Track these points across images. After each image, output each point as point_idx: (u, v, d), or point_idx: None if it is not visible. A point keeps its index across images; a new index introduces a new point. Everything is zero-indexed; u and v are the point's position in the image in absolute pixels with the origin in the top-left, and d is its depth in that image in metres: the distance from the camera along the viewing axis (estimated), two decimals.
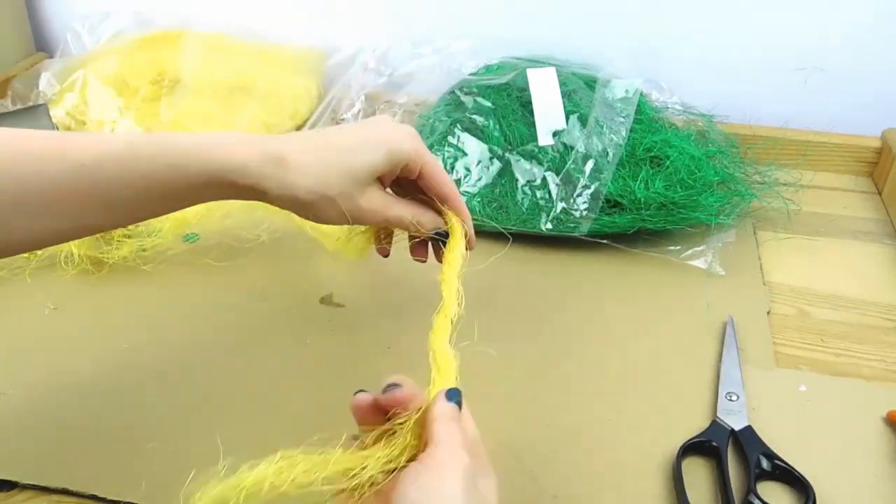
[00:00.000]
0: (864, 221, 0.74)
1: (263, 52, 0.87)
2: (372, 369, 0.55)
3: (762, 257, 0.68)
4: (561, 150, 0.68)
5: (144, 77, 0.83)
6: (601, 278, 0.65)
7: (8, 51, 0.94)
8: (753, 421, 0.50)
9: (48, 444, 0.49)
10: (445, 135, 0.71)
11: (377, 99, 0.80)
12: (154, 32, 0.88)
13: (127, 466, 0.47)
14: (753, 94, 0.82)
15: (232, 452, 0.48)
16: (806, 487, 0.45)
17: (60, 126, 0.79)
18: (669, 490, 0.46)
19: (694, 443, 0.48)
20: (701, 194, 0.65)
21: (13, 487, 0.46)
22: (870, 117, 0.82)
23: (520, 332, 0.59)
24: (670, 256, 0.66)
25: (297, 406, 0.52)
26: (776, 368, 0.56)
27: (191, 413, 0.51)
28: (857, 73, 0.81)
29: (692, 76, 0.82)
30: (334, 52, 0.88)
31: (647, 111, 0.72)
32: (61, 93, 0.83)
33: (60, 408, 0.51)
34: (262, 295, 0.63)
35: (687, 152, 0.67)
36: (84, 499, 0.46)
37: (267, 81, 0.83)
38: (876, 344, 0.58)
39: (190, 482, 0.45)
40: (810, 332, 0.59)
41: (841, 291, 0.64)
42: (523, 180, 0.68)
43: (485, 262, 0.66)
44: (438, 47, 0.83)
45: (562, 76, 0.73)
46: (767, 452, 0.47)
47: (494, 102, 0.72)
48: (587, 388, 0.54)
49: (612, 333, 0.59)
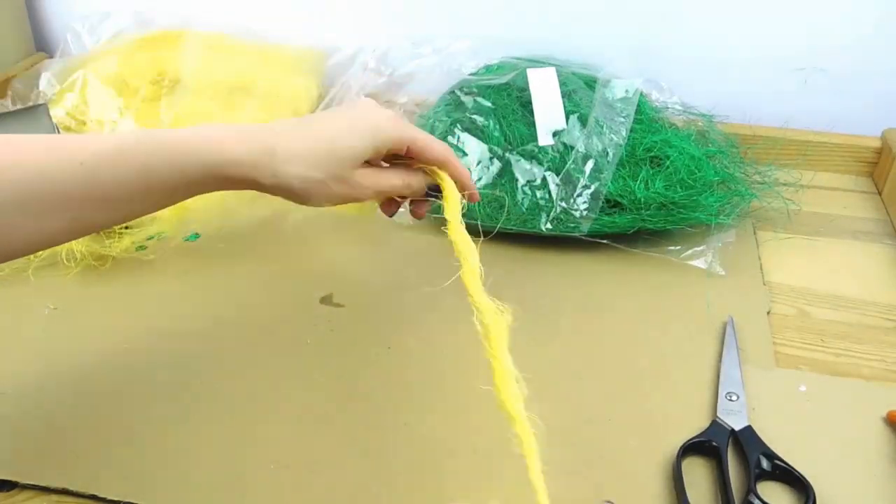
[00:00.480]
0: (864, 221, 0.74)
1: (263, 52, 0.87)
2: (372, 369, 0.55)
3: (762, 257, 0.68)
4: (561, 150, 0.68)
5: (144, 77, 0.83)
6: (601, 278, 0.65)
7: (8, 51, 0.94)
8: (753, 421, 0.50)
9: (48, 444, 0.49)
10: (445, 135, 0.71)
11: (377, 99, 0.80)
12: (154, 32, 0.88)
13: (127, 466, 0.47)
14: (753, 94, 0.82)
15: (232, 452, 0.49)
16: (806, 487, 0.45)
17: (60, 126, 0.79)
18: (669, 490, 0.46)
19: (694, 443, 0.48)
20: (701, 194, 0.65)
21: (13, 487, 0.46)
22: (870, 117, 0.82)
23: (519, 332, 0.59)
24: (670, 256, 0.66)
25: (297, 406, 0.52)
26: (776, 368, 0.56)
27: (190, 413, 0.51)
28: (857, 73, 0.81)
29: (692, 76, 0.82)
30: (334, 52, 0.88)
31: (647, 111, 0.72)
32: (61, 93, 0.83)
33: (61, 408, 0.51)
34: (263, 295, 0.63)
35: (687, 152, 0.67)
36: (84, 499, 0.46)
37: (267, 81, 0.83)
38: (876, 344, 0.58)
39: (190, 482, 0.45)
40: (810, 332, 0.59)
41: (841, 291, 0.64)
42: (523, 180, 0.68)
43: (485, 262, 0.66)
44: (438, 47, 0.83)
45: (562, 76, 0.73)
46: (767, 452, 0.47)
47: (494, 102, 0.72)
48: (587, 388, 0.54)
49: (612, 333, 0.59)
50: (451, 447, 0.49)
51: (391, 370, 0.55)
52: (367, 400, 0.52)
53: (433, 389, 0.53)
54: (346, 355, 0.56)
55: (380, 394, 0.53)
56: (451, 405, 0.52)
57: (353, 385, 0.54)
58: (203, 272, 0.65)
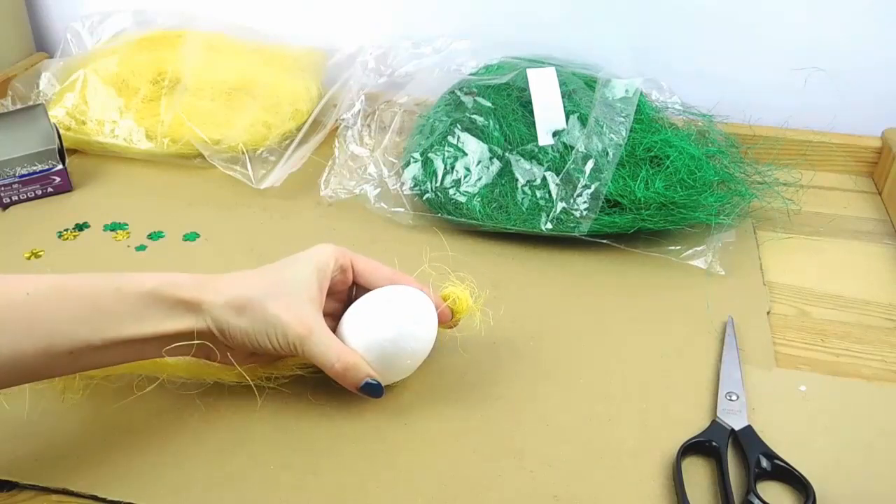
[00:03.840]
0: (864, 221, 0.74)
1: (263, 52, 0.87)
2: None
3: (762, 257, 0.68)
4: (561, 150, 0.68)
5: (144, 77, 0.83)
6: (601, 278, 0.65)
7: (8, 51, 0.94)
8: (753, 421, 0.50)
9: (48, 444, 0.49)
10: (445, 135, 0.71)
11: (377, 99, 0.80)
12: (154, 32, 0.88)
13: (127, 466, 0.47)
14: (753, 94, 0.82)
15: (232, 452, 0.49)
16: (806, 487, 0.45)
17: (60, 126, 0.79)
18: (669, 490, 0.46)
19: (694, 443, 0.48)
20: (701, 194, 0.65)
21: (13, 487, 0.46)
22: (870, 117, 0.82)
23: (520, 332, 0.59)
24: (670, 256, 0.66)
25: (297, 406, 0.52)
26: (776, 368, 0.56)
27: (191, 412, 0.51)
28: (857, 73, 0.81)
29: (692, 76, 0.82)
30: (334, 52, 0.88)
31: (647, 111, 0.72)
32: (61, 92, 0.83)
33: (60, 408, 0.51)
34: None
35: (687, 152, 0.67)
36: (84, 499, 0.46)
37: (267, 81, 0.83)
38: (876, 344, 0.58)
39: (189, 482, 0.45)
40: (810, 332, 0.59)
41: (841, 291, 0.64)
42: (523, 180, 0.68)
43: (485, 262, 0.66)
44: (438, 47, 0.83)
45: (562, 76, 0.73)
46: (767, 452, 0.47)
47: (494, 102, 0.72)
48: (587, 388, 0.54)
49: (612, 333, 0.59)
50: (454, 447, 0.49)
51: None
52: (368, 399, 0.52)
53: (433, 389, 0.53)
54: None
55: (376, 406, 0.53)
56: (450, 405, 0.52)
57: None
58: (203, 272, 0.65)
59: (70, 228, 0.71)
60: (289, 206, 0.74)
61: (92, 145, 0.82)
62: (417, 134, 0.75)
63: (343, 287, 0.54)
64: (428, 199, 0.70)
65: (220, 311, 0.47)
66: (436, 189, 0.69)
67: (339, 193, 0.73)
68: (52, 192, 0.76)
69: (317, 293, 0.49)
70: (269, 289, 0.48)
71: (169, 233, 0.70)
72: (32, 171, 0.74)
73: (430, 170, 0.70)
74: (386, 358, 0.49)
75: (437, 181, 0.69)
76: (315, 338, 0.47)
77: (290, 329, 0.47)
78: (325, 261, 0.50)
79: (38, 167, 0.74)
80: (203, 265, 0.66)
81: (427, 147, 0.71)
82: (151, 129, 0.80)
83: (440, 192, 0.69)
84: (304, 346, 0.47)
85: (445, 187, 0.69)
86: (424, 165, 0.71)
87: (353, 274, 0.53)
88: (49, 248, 0.68)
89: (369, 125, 0.78)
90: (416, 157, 0.71)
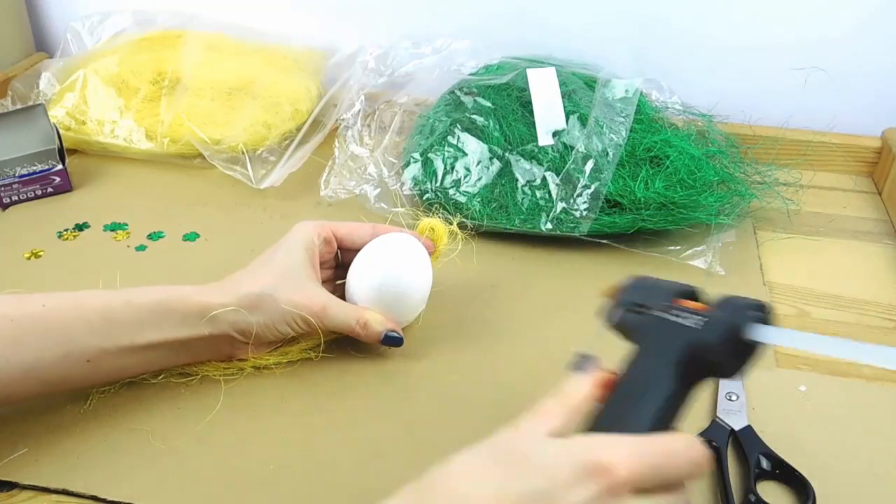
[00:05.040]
0: (864, 221, 0.74)
1: (263, 52, 0.87)
2: (374, 367, 0.55)
3: (762, 257, 0.68)
4: (561, 150, 0.68)
5: (144, 77, 0.83)
6: (601, 278, 0.65)
7: (8, 51, 0.94)
8: (753, 421, 0.50)
9: (48, 444, 0.49)
10: (445, 135, 0.71)
11: (377, 99, 0.80)
12: (154, 32, 0.88)
13: (127, 466, 0.47)
14: (753, 94, 0.82)
15: (232, 452, 0.49)
16: (806, 487, 0.45)
17: (60, 126, 0.79)
18: None
19: None
20: (701, 194, 0.65)
21: (13, 488, 0.46)
22: (870, 117, 0.82)
23: (520, 332, 0.59)
24: (670, 256, 0.66)
25: (297, 406, 0.52)
26: (776, 368, 0.56)
27: (190, 412, 0.51)
28: (857, 73, 0.81)
29: (692, 76, 0.82)
30: (334, 52, 0.88)
31: (647, 111, 0.72)
32: (61, 93, 0.83)
33: (60, 408, 0.51)
34: None
35: (687, 152, 0.67)
36: (84, 499, 0.46)
37: (267, 81, 0.83)
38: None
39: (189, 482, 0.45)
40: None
41: (841, 291, 0.64)
42: (523, 180, 0.68)
43: (485, 262, 0.66)
44: (438, 47, 0.83)
45: (562, 76, 0.73)
46: (767, 452, 0.47)
47: (494, 102, 0.72)
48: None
49: (612, 333, 0.59)
50: (456, 447, 0.49)
51: (392, 370, 0.55)
52: (368, 399, 0.52)
53: (433, 389, 0.53)
54: (347, 354, 0.56)
55: (381, 393, 0.53)
56: (449, 406, 0.52)
57: (354, 384, 0.54)
58: (202, 274, 0.65)
59: (70, 228, 0.71)
60: (289, 206, 0.74)
61: (92, 145, 0.82)
62: (417, 134, 0.75)
63: (329, 256, 0.58)
64: (428, 199, 0.70)
65: (235, 315, 0.50)
66: (436, 189, 0.69)
67: (339, 193, 0.73)
68: (51, 192, 0.76)
69: (312, 270, 0.54)
70: (272, 280, 0.52)
71: (169, 233, 0.70)
72: (32, 171, 0.74)
73: (430, 170, 0.70)
74: (396, 300, 0.54)
75: (437, 181, 0.69)
76: (330, 310, 0.52)
77: (305, 310, 0.52)
78: (310, 238, 0.55)
79: (37, 167, 0.74)
80: (203, 265, 0.66)
81: (427, 147, 0.71)
82: (151, 129, 0.80)
83: (440, 192, 0.69)
84: (323, 320, 0.52)
85: (445, 187, 0.69)
86: (424, 165, 0.71)
87: (335, 242, 0.57)
88: (49, 248, 0.68)
89: (369, 125, 0.78)
90: (416, 158, 0.71)
